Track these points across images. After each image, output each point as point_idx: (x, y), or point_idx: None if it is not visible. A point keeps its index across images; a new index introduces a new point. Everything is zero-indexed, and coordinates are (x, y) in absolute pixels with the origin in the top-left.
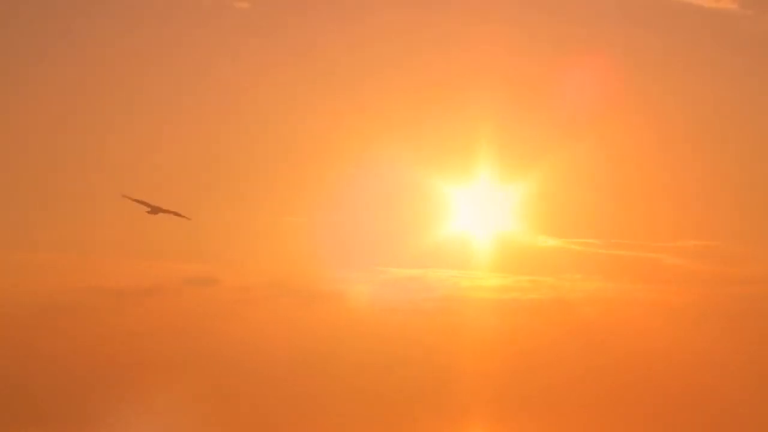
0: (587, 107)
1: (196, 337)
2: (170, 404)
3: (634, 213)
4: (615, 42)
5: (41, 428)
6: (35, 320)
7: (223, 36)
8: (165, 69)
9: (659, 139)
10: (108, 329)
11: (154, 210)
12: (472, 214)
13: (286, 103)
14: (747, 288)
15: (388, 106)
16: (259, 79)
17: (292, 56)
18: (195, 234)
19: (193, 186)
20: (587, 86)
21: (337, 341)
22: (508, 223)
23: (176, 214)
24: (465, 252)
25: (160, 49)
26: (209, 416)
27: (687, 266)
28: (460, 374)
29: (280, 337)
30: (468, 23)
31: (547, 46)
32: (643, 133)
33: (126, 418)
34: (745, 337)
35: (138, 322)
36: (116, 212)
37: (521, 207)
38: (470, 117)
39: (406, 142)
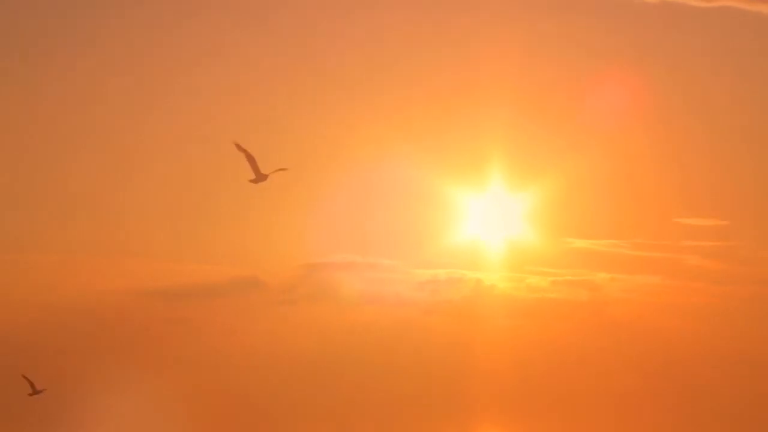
0: (610, 111)
1: (244, 337)
2: (219, 402)
3: (655, 214)
4: (639, 49)
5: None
6: (83, 322)
7: (243, 40)
8: (196, 74)
9: (682, 142)
10: (155, 331)
11: (260, 178)
12: (499, 218)
13: (312, 113)
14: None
15: (413, 113)
16: (287, 88)
17: (315, 66)
18: (236, 237)
19: (225, 190)
20: (610, 91)
21: (374, 340)
22: (533, 226)
23: (281, 169)
24: (501, 254)
25: (178, 54)
26: (258, 413)
27: (709, 266)
28: (498, 373)
29: (314, 338)
30: (482, 32)
31: (565, 52)
32: (668, 136)
33: (171, 416)
34: None
35: (190, 324)
36: (163, 217)
37: (547, 210)
38: (494, 123)
39: (431, 149)
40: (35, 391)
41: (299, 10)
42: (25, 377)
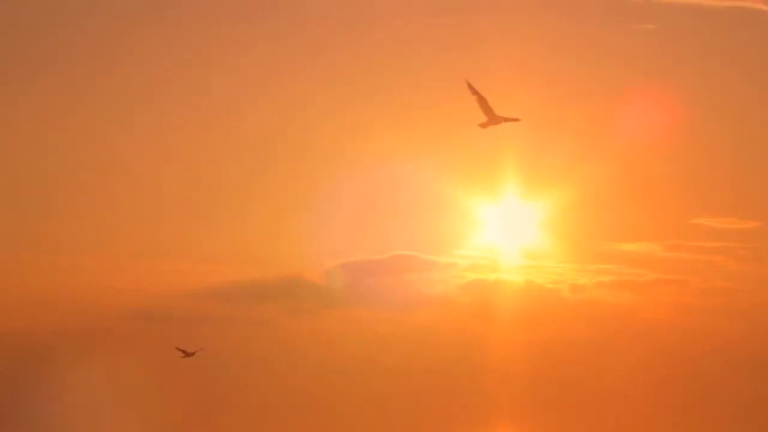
0: (640, 116)
1: (294, 337)
2: (267, 401)
3: (683, 216)
4: (663, 53)
5: None
6: (132, 322)
7: (258, 40)
8: (216, 73)
9: (711, 144)
10: (212, 333)
11: (492, 121)
12: (536, 223)
13: (326, 123)
14: None
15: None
16: (300, 100)
17: (328, 73)
18: (285, 237)
19: (255, 194)
20: (640, 97)
21: (420, 340)
22: (575, 230)
23: (514, 119)
24: (547, 256)
25: (192, 53)
26: (299, 409)
27: (742, 268)
28: (548, 372)
29: (361, 340)
30: (501, 38)
31: (592, 56)
32: (698, 138)
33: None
34: None
35: (248, 327)
36: (214, 221)
37: (585, 214)
38: (526, 128)
39: (464, 156)
40: (188, 354)
41: (312, 10)
42: (177, 348)
